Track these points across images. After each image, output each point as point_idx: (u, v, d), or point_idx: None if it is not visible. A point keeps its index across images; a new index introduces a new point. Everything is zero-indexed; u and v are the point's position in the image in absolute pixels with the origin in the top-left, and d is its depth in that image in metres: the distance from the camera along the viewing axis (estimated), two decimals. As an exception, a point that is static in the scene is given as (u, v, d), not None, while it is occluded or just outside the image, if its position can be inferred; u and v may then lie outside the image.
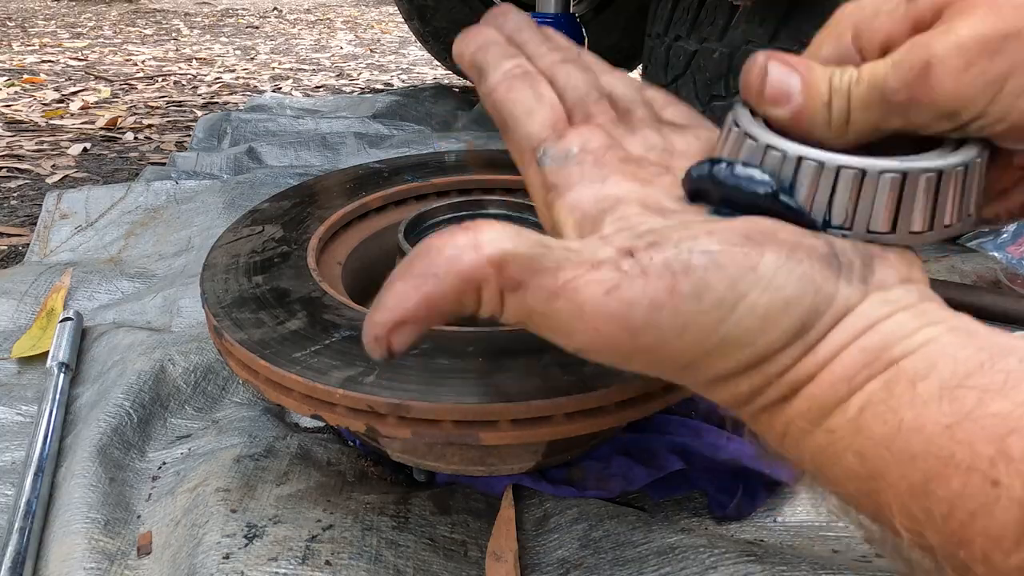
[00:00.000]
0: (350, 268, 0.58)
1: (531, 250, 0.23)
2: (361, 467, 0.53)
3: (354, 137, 1.32)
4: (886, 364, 0.22)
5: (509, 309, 0.24)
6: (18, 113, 1.74)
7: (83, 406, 0.60)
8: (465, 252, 0.23)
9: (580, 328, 0.23)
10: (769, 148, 0.26)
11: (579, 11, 1.83)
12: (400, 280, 0.23)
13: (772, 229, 0.24)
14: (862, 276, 0.24)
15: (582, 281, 0.23)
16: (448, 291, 0.23)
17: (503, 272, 0.23)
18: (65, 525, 0.47)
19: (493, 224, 0.24)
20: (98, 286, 0.82)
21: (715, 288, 0.23)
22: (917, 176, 0.24)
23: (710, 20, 1.00)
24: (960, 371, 0.21)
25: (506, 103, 0.31)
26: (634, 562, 0.44)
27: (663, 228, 0.24)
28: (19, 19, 3.55)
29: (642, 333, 0.23)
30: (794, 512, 0.50)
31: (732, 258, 0.23)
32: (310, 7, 4.53)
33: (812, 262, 0.23)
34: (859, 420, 0.22)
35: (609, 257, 0.23)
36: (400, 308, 0.23)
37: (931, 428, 0.20)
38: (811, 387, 0.23)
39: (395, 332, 0.24)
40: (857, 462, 0.22)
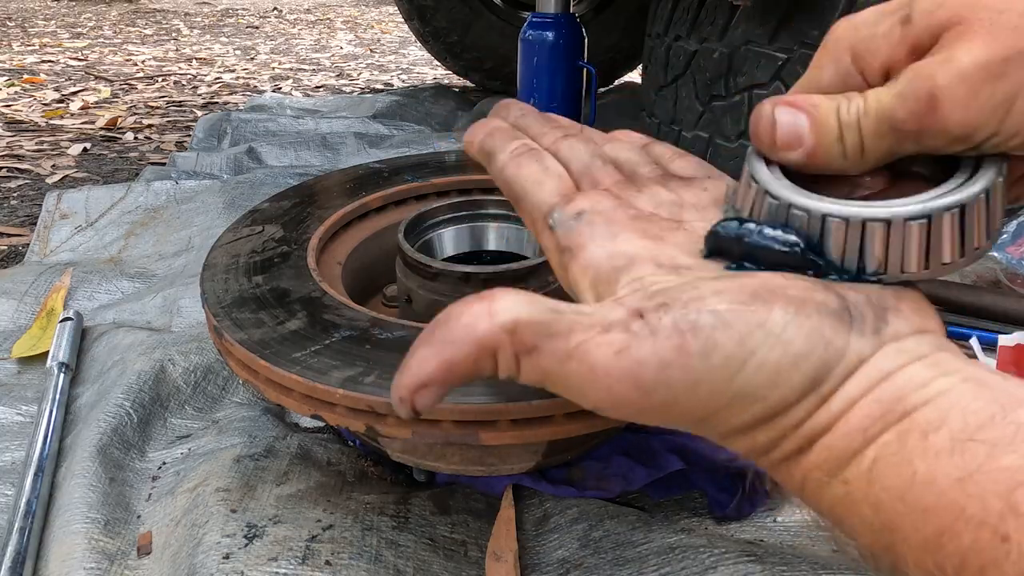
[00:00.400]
0: (350, 268, 0.58)
1: (543, 315, 0.24)
2: (361, 467, 0.53)
3: (354, 137, 1.32)
4: (900, 415, 0.22)
5: (525, 371, 0.25)
6: (18, 113, 1.74)
7: (83, 406, 0.60)
8: (480, 320, 0.24)
9: (593, 388, 0.24)
10: (792, 208, 0.26)
11: (579, 11, 1.83)
12: (422, 346, 0.25)
13: (782, 286, 0.24)
14: (875, 328, 0.24)
15: (593, 343, 0.24)
16: (465, 357, 0.25)
17: (516, 338, 0.24)
18: (65, 525, 0.47)
19: (508, 292, 0.25)
20: (98, 286, 0.82)
21: (723, 346, 0.23)
22: (941, 215, 0.25)
23: (710, 20, 1.00)
24: (971, 423, 0.21)
25: (516, 178, 0.33)
26: (634, 562, 0.44)
27: (673, 288, 0.25)
28: (19, 19, 3.55)
29: (654, 391, 0.24)
30: (794, 512, 0.50)
31: (740, 316, 0.23)
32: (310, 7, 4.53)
33: (822, 316, 0.24)
34: (873, 471, 0.22)
35: (620, 319, 0.24)
36: (422, 373, 0.25)
37: (943, 481, 0.20)
38: (827, 439, 0.23)
39: (418, 394, 0.25)
40: (872, 514, 0.22)
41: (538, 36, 1.32)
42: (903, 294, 0.26)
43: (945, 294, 0.72)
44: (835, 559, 0.45)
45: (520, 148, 0.34)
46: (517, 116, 0.37)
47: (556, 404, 0.38)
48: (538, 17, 1.33)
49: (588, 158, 0.33)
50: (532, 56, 1.34)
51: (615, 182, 0.32)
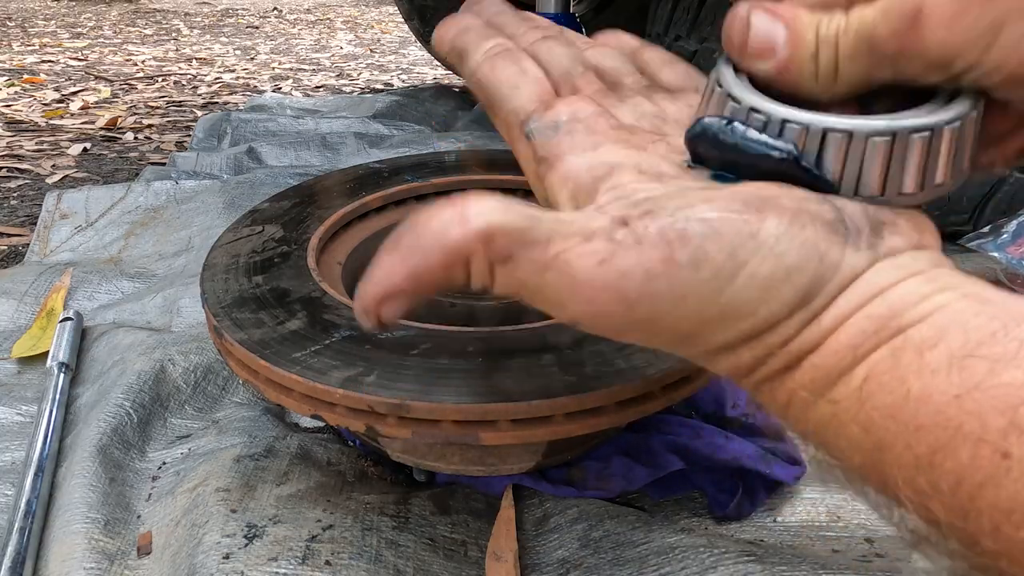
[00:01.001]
0: (350, 268, 0.58)
1: (520, 222, 0.23)
2: (361, 467, 0.53)
3: (354, 137, 1.32)
4: (893, 332, 0.21)
5: (499, 281, 0.24)
6: (18, 113, 1.74)
7: (83, 406, 0.60)
8: (452, 225, 0.23)
9: (573, 300, 0.23)
10: (752, 111, 0.25)
11: (579, 11, 1.82)
12: (388, 254, 0.24)
13: (775, 195, 0.23)
14: (870, 242, 0.23)
15: (574, 253, 0.23)
16: (435, 264, 0.23)
17: (491, 245, 0.23)
18: (65, 525, 0.47)
19: (482, 195, 0.23)
20: (98, 286, 0.82)
21: (713, 257, 0.22)
22: (907, 136, 0.23)
23: (710, 20, 1.00)
24: (971, 339, 0.20)
25: (490, 80, 0.31)
26: (634, 562, 0.44)
27: (659, 196, 0.24)
28: (19, 19, 3.55)
29: (638, 304, 0.22)
30: (794, 512, 0.50)
31: (731, 225, 0.22)
32: (310, 7, 4.53)
33: (816, 228, 0.22)
34: (864, 390, 0.21)
35: (602, 227, 0.23)
36: (388, 281, 0.24)
37: (939, 398, 0.19)
38: (815, 357, 0.22)
39: (384, 304, 0.24)
40: (862, 433, 0.21)
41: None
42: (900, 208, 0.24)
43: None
44: (835, 559, 0.45)
45: (496, 48, 0.31)
46: (492, 13, 0.35)
47: (556, 404, 0.38)
48: (538, 17, 1.33)
49: (568, 63, 0.31)
50: (532, 56, 1.33)
51: (596, 90, 0.30)
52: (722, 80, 0.26)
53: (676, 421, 0.53)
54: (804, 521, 0.49)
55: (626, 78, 0.32)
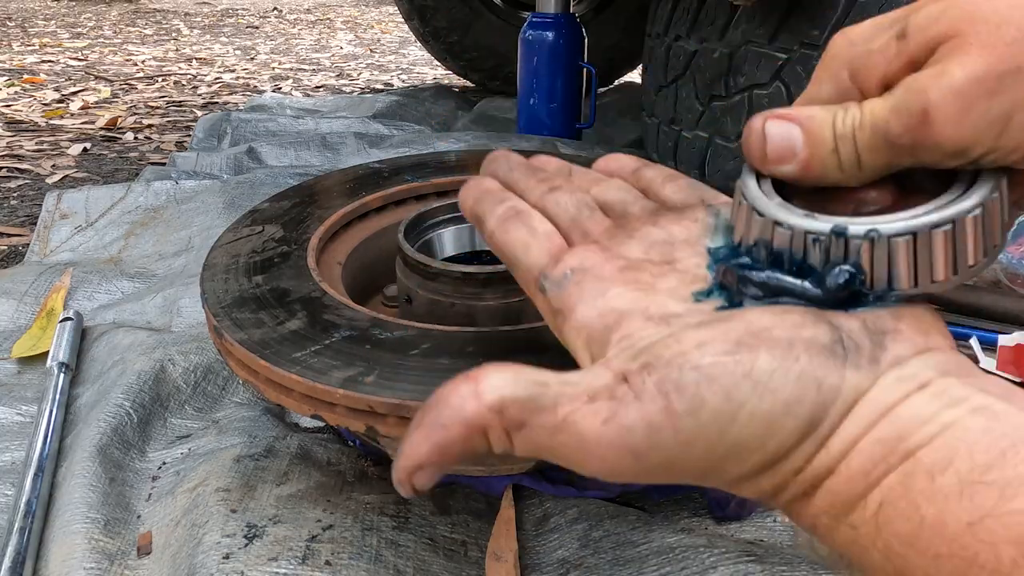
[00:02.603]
0: (350, 268, 0.58)
1: (528, 391, 0.24)
2: (361, 467, 0.53)
3: (354, 137, 1.32)
4: (903, 456, 0.21)
5: (518, 446, 0.25)
6: (18, 113, 1.74)
7: (83, 406, 0.60)
8: (467, 401, 0.25)
9: (587, 458, 0.24)
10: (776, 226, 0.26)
11: (579, 11, 1.82)
12: (415, 430, 0.26)
13: (768, 327, 0.24)
14: (872, 356, 0.23)
15: (579, 414, 0.24)
16: (456, 438, 0.25)
17: (504, 416, 0.24)
18: (65, 525, 0.47)
19: (494, 370, 0.25)
20: (98, 286, 0.82)
21: (710, 402, 0.23)
22: (928, 232, 0.24)
23: (710, 20, 1.00)
24: (979, 463, 0.20)
25: (505, 244, 0.33)
26: (634, 562, 0.44)
27: (656, 345, 0.24)
28: (19, 19, 3.55)
29: (647, 455, 0.23)
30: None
31: (724, 369, 0.23)
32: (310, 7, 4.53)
33: (811, 357, 0.23)
34: (880, 516, 0.21)
35: (605, 385, 0.24)
36: (416, 456, 0.25)
37: (953, 526, 0.19)
38: (830, 483, 0.23)
39: (415, 476, 0.26)
40: (883, 559, 0.21)
41: (538, 36, 1.32)
42: (902, 312, 0.25)
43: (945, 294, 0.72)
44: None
45: (507, 212, 0.33)
46: (505, 172, 0.37)
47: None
48: (538, 17, 1.33)
49: (575, 209, 0.33)
50: (532, 56, 1.34)
51: (604, 230, 0.31)
52: (746, 192, 0.27)
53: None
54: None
55: (632, 207, 0.33)
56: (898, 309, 0.25)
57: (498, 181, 0.36)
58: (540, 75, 1.34)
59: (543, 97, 1.35)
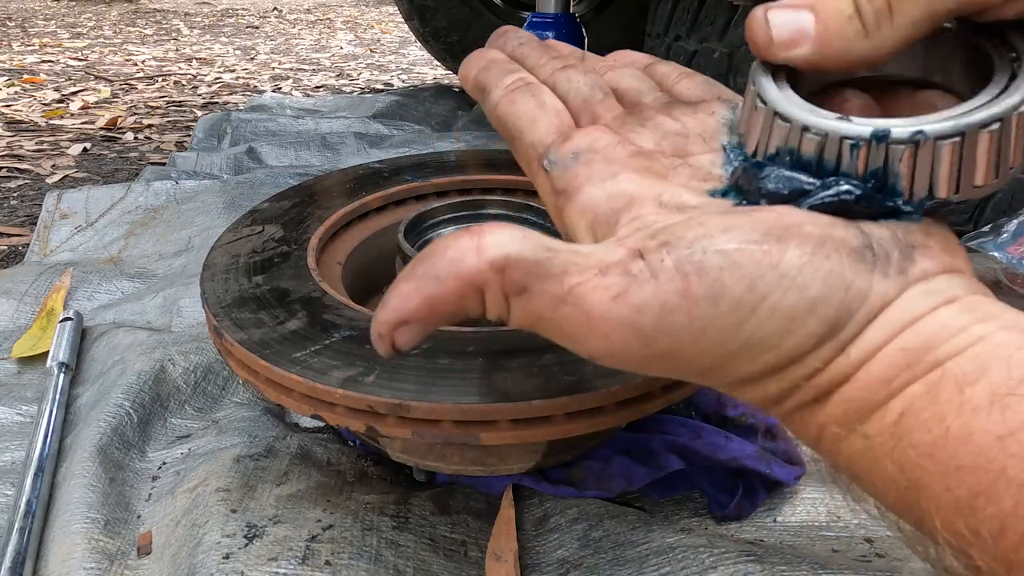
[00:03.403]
0: (350, 268, 0.58)
1: (536, 254, 0.23)
2: (361, 467, 0.53)
3: (354, 137, 1.32)
4: (930, 366, 0.20)
5: (515, 313, 0.23)
6: (18, 113, 1.74)
7: (83, 406, 0.60)
8: (467, 255, 0.23)
9: (589, 335, 0.23)
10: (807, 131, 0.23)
11: (579, 11, 1.82)
12: (404, 281, 0.24)
13: (799, 222, 0.22)
14: (900, 267, 0.22)
15: (589, 287, 0.22)
16: (449, 293, 0.23)
17: (506, 276, 0.23)
18: (65, 525, 0.47)
19: (499, 226, 0.23)
20: (98, 286, 0.82)
21: (732, 289, 0.21)
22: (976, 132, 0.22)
23: (710, 20, 1.00)
24: (1015, 375, 0.19)
25: (509, 116, 0.31)
26: (634, 562, 0.44)
27: (677, 225, 0.23)
28: (19, 19, 3.55)
29: (655, 339, 0.22)
30: (794, 512, 0.50)
31: (751, 256, 0.21)
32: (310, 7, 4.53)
33: (841, 256, 0.21)
34: (899, 426, 0.20)
35: (619, 260, 0.22)
36: (402, 308, 0.24)
37: (981, 438, 0.18)
38: (846, 390, 0.21)
39: (398, 331, 0.24)
40: (897, 471, 0.20)
41: (538, 36, 1.32)
42: (932, 231, 0.23)
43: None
44: (835, 559, 0.45)
45: (515, 83, 0.31)
46: (515, 46, 0.35)
47: (556, 404, 0.38)
48: (538, 17, 1.33)
49: (587, 90, 0.31)
50: (532, 56, 1.33)
51: (615, 116, 0.30)
52: (764, 94, 0.25)
53: (676, 421, 0.53)
54: (804, 521, 0.49)
55: (646, 97, 0.31)
56: (928, 226, 0.23)
57: (506, 55, 0.34)
58: (540, 75, 1.34)
59: (543, 97, 1.35)
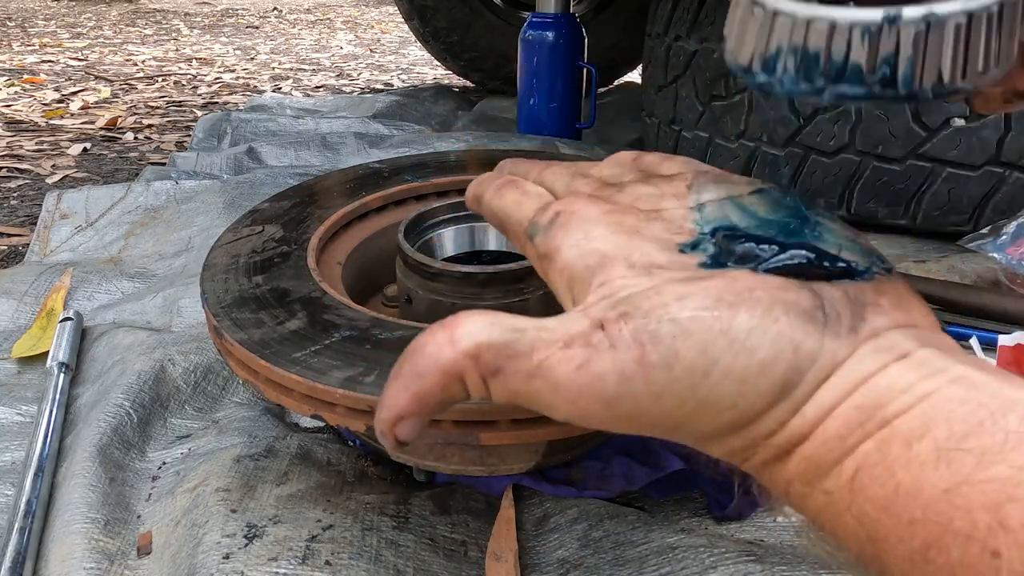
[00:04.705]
0: (350, 268, 0.58)
1: (504, 336, 0.25)
2: (361, 467, 0.53)
3: (354, 137, 1.32)
4: (880, 424, 0.21)
5: (495, 392, 0.25)
6: (18, 113, 1.74)
7: (83, 406, 0.60)
8: (443, 349, 0.25)
9: (559, 403, 0.24)
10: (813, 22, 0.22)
11: (579, 11, 1.83)
12: (393, 380, 0.26)
13: (750, 287, 0.23)
14: (851, 326, 0.23)
15: (554, 360, 0.24)
16: (432, 386, 0.25)
17: (480, 362, 0.24)
18: (65, 525, 0.47)
19: (469, 317, 0.25)
20: (98, 286, 0.82)
21: (684, 355, 0.22)
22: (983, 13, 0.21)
23: (710, 20, 1.00)
24: (957, 431, 0.20)
25: (498, 205, 0.33)
26: (634, 562, 0.44)
27: (636, 296, 0.24)
28: (19, 19, 3.55)
29: (617, 403, 0.23)
30: (794, 512, 0.49)
31: (702, 323, 0.23)
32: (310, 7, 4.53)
33: (791, 319, 0.23)
34: (855, 482, 0.21)
35: (581, 331, 0.24)
36: (395, 407, 0.26)
37: (929, 492, 0.19)
38: (804, 448, 0.22)
39: (398, 427, 0.26)
40: (857, 525, 0.21)
41: (538, 36, 1.32)
42: (884, 288, 0.24)
43: (945, 294, 0.72)
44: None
45: (503, 182, 0.34)
46: (509, 167, 0.38)
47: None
48: (538, 17, 1.33)
49: (569, 178, 0.33)
50: (532, 56, 1.34)
51: (594, 188, 0.31)
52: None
53: (676, 421, 0.53)
54: (804, 521, 0.49)
55: (625, 177, 0.32)
56: (880, 284, 0.24)
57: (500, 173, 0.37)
58: (540, 75, 1.34)
59: (543, 97, 1.35)
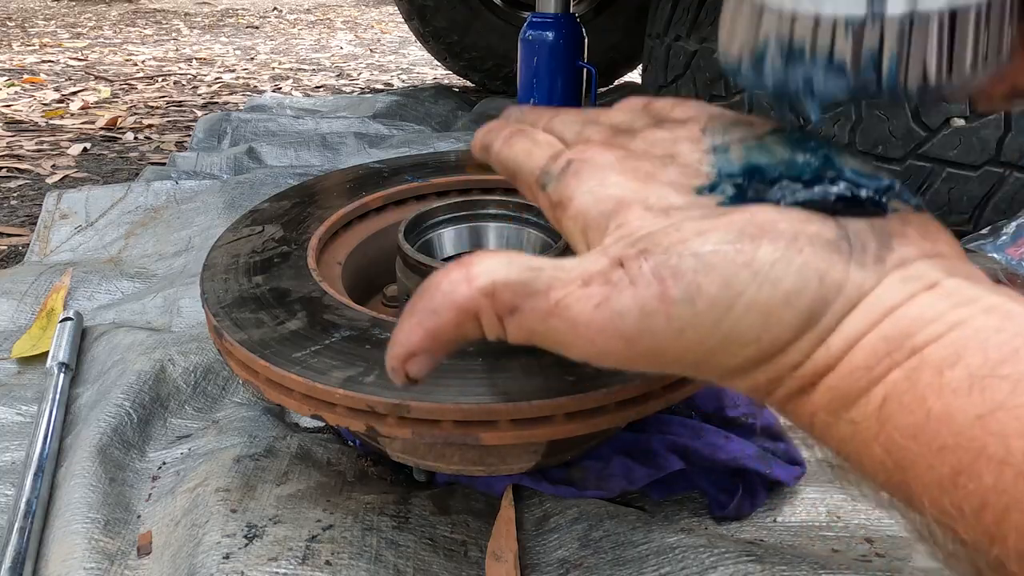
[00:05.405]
0: (350, 268, 0.58)
1: (521, 275, 0.24)
2: (361, 467, 0.53)
3: (354, 137, 1.32)
4: (909, 352, 0.21)
5: (511, 331, 0.25)
6: (18, 113, 1.74)
7: (83, 406, 0.60)
8: (458, 286, 0.25)
9: (577, 342, 0.24)
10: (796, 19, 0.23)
11: (579, 11, 1.82)
12: (406, 317, 0.26)
13: (772, 220, 0.23)
14: (877, 256, 0.22)
15: (573, 298, 0.24)
16: (447, 323, 0.25)
17: (496, 300, 0.24)
18: (65, 525, 0.47)
19: (486, 255, 0.25)
20: (98, 286, 0.82)
21: (707, 290, 0.22)
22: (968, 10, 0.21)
23: (710, 20, 1.00)
24: (992, 358, 0.19)
25: (508, 155, 0.33)
26: (634, 562, 0.44)
27: (655, 233, 0.24)
28: (19, 19, 3.55)
29: (638, 340, 0.23)
30: (794, 512, 0.50)
31: (724, 257, 0.22)
32: (310, 7, 4.53)
33: (815, 249, 0.22)
34: (883, 410, 0.21)
35: (600, 270, 0.24)
36: (408, 342, 0.26)
37: (961, 418, 0.19)
38: (830, 379, 0.22)
39: (408, 363, 0.26)
40: (884, 453, 0.21)
41: (538, 36, 1.32)
42: (909, 218, 0.24)
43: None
44: (835, 559, 0.45)
45: (512, 131, 0.33)
46: (517, 115, 0.37)
47: (556, 404, 0.38)
48: (538, 17, 1.33)
49: (580, 126, 0.32)
50: (532, 56, 1.34)
51: (606, 135, 0.31)
52: None
53: (676, 421, 0.53)
54: (804, 521, 0.49)
55: (638, 123, 0.32)
56: (905, 215, 0.24)
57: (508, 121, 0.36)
58: (540, 75, 1.34)
59: (543, 97, 1.35)
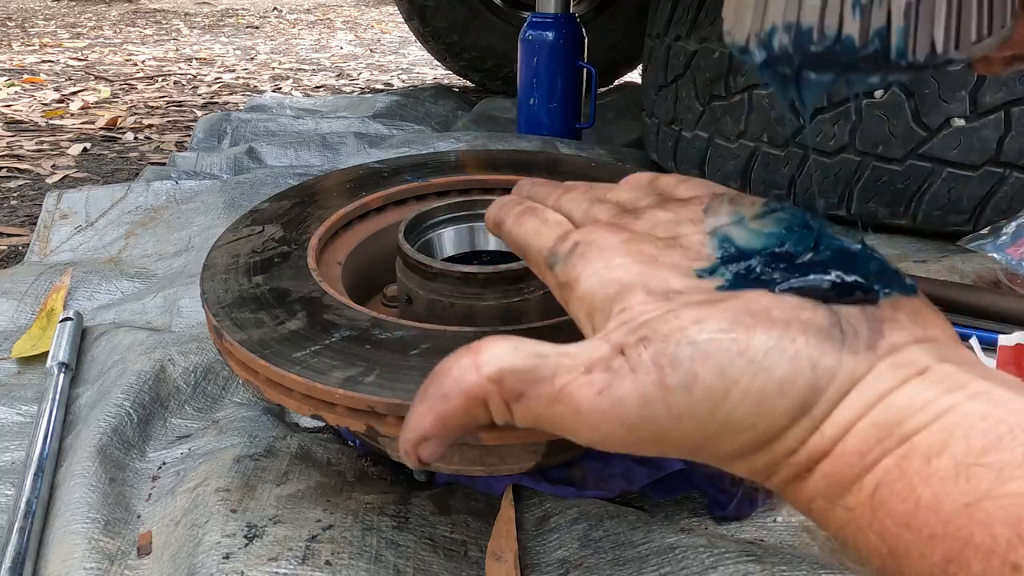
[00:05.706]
0: (350, 268, 0.58)
1: (527, 362, 0.25)
2: (361, 467, 0.53)
3: (354, 137, 1.32)
4: (899, 440, 0.21)
5: (517, 416, 0.26)
6: (18, 113, 1.74)
7: (83, 406, 0.60)
8: (467, 373, 0.25)
9: (581, 427, 0.25)
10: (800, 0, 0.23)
11: (579, 11, 1.83)
12: (418, 402, 0.26)
13: (767, 307, 0.24)
14: (869, 342, 0.23)
15: (576, 385, 0.24)
16: (457, 409, 0.26)
17: (503, 387, 0.25)
18: (65, 525, 0.47)
19: (494, 342, 0.26)
20: (98, 286, 0.82)
21: (703, 377, 0.23)
22: None
23: (710, 20, 1.00)
24: (976, 446, 0.20)
25: (518, 234, 0.34)
26: (634, 562, 0.44)
27: (655, 320, 0.25)
28: (19, 19, 3.55)
29: (640, 427, 0.24)
30: (794, 512, 0.50)
31: (719, 345, 0.23)
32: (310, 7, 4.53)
33: (807, 338, 0.23)
34: (876, 498, 0.21)
35: (602, 357, 0.24)
36: (420, 427, 0.26)
37: (949, 507, 0.19)
38: (825, 465, 0.23)
39: (421, 447, 0.26)
40: (878, 540, 0.21)
41: (538, 36, 1.32)
42: (901, 302, 0.25)
43: (945, 294, 0.72)
44: (835, 559, 0.45)
45: (523, 210, 0.35)
46: (528, 189, 0.38)
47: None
48: (538, 17, 1.33)
49: (587, 204, 0.33)
50: (532, 56, 1.34)
51: (612, 215, 0.32)
52: None
53: (676, 421, 0.53)
54: (804, 521, 0.49)
55: (643, 201, 0.33)
56: (897, 300, 0.25)
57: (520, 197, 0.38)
58: (540, 75, 1.34)
59: (543, 97, 1.35)
